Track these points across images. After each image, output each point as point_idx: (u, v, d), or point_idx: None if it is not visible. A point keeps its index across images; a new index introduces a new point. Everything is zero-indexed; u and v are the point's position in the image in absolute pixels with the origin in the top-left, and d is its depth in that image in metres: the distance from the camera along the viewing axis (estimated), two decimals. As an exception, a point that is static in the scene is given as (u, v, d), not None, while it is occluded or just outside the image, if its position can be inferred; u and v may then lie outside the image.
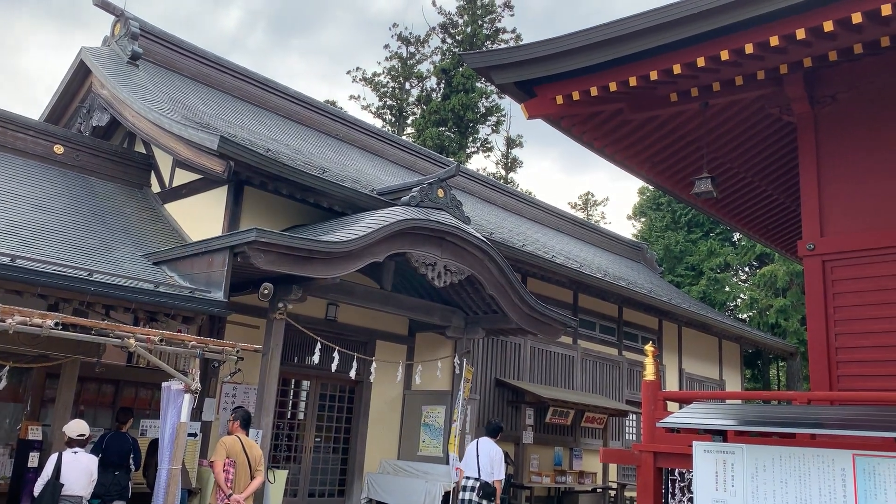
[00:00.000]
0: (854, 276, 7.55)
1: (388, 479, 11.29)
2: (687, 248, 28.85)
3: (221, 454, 7.45)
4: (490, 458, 9.11)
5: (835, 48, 7.01)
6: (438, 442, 11.48)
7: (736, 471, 5.69)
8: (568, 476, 13.63)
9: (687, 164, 10.01)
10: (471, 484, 9.03)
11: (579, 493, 13.64)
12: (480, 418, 13.28)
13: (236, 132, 10.94)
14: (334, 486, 11.49)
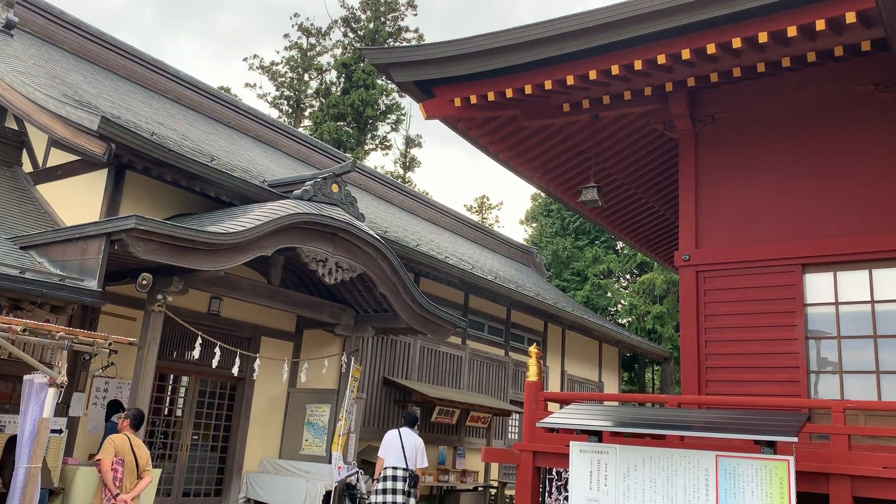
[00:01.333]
0: (723, 286, 8.03)
1: (268, 478, 11.02)
2: (574, 254, 29.83)
3: (109, 452, 7.14)
4: (415, 448, 9.25)
5: (716, 70, 7.43)
6: (322, 441, 11.32)
7: (609, 470, 5.91)
8: (451, 475, 13.77)
9: (576, 172, 10.34)
10: (400, 474, 9.07)
11: (461, 492, 13.81)
12: (367, 417, 13.20)
13: (120, 113, 10.38)
14: (211, 486, 11.10)
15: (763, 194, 8.11)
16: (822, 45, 6.80)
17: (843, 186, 7.66)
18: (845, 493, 5.54)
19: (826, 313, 7.46)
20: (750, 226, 8.10)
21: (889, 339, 7.12)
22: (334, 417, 11.19)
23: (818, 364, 7.42)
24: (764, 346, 7.60)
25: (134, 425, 7.51)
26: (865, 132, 7.68)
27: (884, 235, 7.26)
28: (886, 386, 7.04)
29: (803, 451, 5.98)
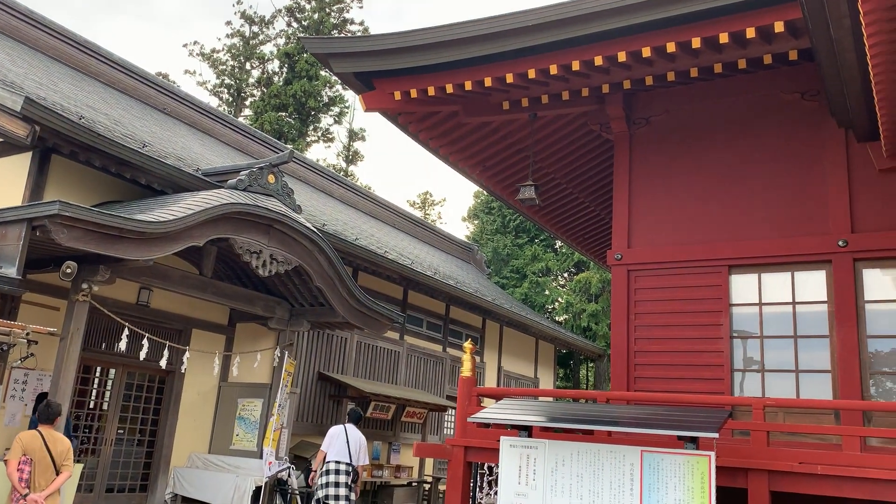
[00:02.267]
0: (653, 286, 8.20)
1: (196, 473, 10.77)
2: (513, 251, 30.10)
3: (15, 452, 6.76)
4: (359, 444, 9.44)
5: (651, 74, 7.58)
6: (254, 436, 11.13)
7: (538, 465, 5.97)
8: (385, 470, 13.72)
9: (515, 170, 10.41)
10: (343, 468, 9.25)
11: (395, 487, 13.77)
12: (300, 413, 13.04)
13: (48, 95, 9.96)
14: (136, 481, 10.79)
15: (693, 196, 8.32)
16: (752, 53, 7.01)
17: (769, 190, 7.91)
18: (762, 487, 5.73)
19: (750, 313, 7.70)
20: (680, 227, 8.30)
21: (808, 339, 7.40)
22: (267, 412, 11.01)
23: (743, 363, 7.65)
24: (691, 344, 7.80)
25: (44, 419, 7.14)
26: (791, 139, 7.95)
27: (805, 239, 7.53)
28: (805, 384, 7.31)
29: (725, 446, 6.16)
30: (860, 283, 7.25)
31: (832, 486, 5.60)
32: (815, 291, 7.46)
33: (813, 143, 7.81)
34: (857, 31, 5.20)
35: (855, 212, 7.42)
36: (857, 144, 7.36)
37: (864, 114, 6.59)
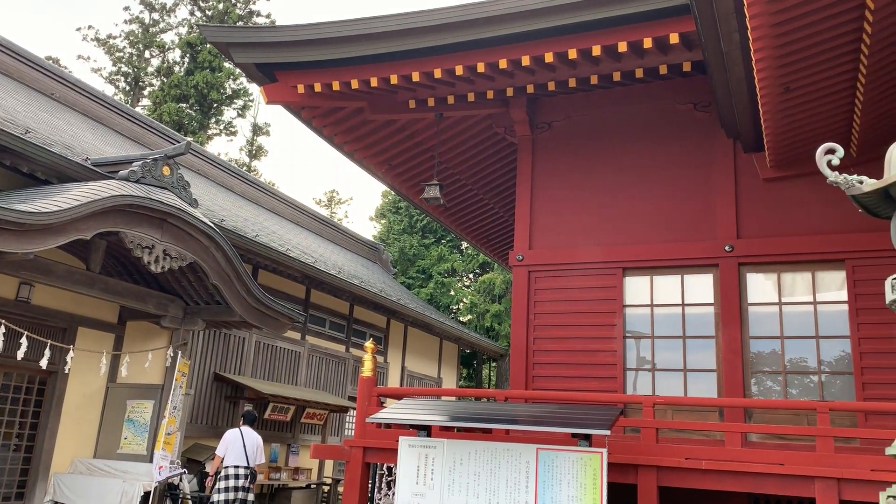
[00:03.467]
0: (552, 286, 8.37)
1: (78, 479, 10.18)
2: (420, 252, 30.15)
3: None
4: (255, 446, 9.50)
5: (554, 79, 7.73)
6: (143, 439, 10.63)
7: (436, 465, 5.95)
8: (283, 472, 13.41)
9: (421, 169, 10.41)
10: (241, 472, 9.27)
11: (293, 490, 13.48)
12: (195, 414, 12.57)
13: (-85, 72, 9.18)
14: (11, 489, 10.09)
15: (592, 200, 8.55)
16: (649, 63, 7.26)
17: (663, 196, 8.22)
18: (651, 483, 5.93)
19: (643, 314, 7.97)
20: (579, 230, 8.50)
21: (696, 339, 7.73)
22: (158, 414, 10.54)
23: (635, 362, 7.91)
24: (586, 343, 8.01)
25: None
26: (684, 147, 8.29)
27: (694, 244, 7.87)
28: (693, 383, 7.63)
29: (617, 443, 6.34)
30: (744, 287, 7.63)
31: (716, 480, 5.86)
32: (703, 294, 7.81)
33: (704, 152, 8.17)
34: (745, 46, 5.46)
35: (741, 218, 7.81)
36: (744, 155, 7.76)
37: (751, 125, 6.95)
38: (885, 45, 5.23)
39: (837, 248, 7.29)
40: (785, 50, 5.21)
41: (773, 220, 7.68)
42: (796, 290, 7.50)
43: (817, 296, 7.40)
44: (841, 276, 7.30)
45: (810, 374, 7.28)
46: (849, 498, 5.43)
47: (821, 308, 7.36)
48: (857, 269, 7.19)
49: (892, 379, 6.70)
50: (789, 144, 6.88)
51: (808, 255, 7.41)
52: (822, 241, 7.36)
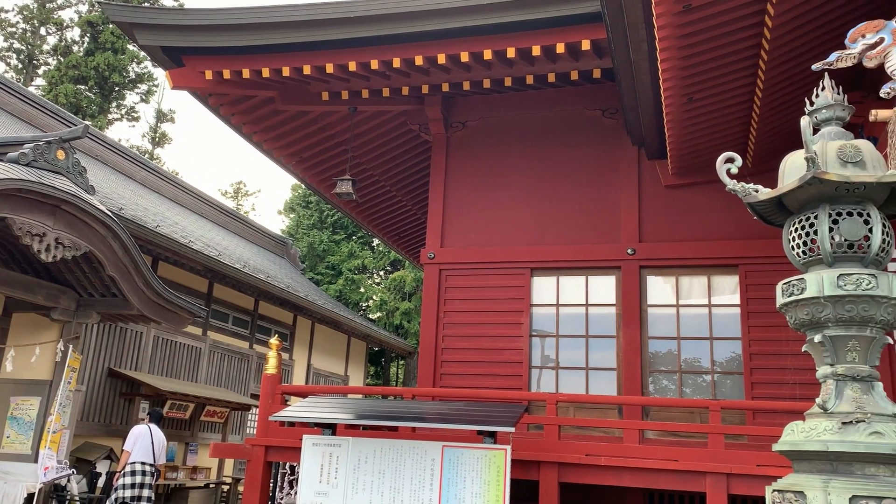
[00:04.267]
0: (462, 285, 8.42)
1: (-46, 482, 9.48)
2: (330, 247, 29.76)
3: None
4: (161, 444, 9.54)
5: (469, 79, 7.77)
6: (28, 437, 10.00)
7: (340, 463, 5.87)
8: (180, 472, 12.94)
9: (333, 164, 10.26)
10: (148, 469, 9.25)
11: (190, 490, 13.03)
12: (86, 412, 11.95)
13: None
14: None
15: (503, 200, 8.65)
16: (561, 68, 7.41)
17: (571, 199, 8.41)
18: (552, 479, 6.05)
19: (549, 314, 8.13)
20: (490, 229, 8.59)
21: (599, 339, 7.95)
22: (45, 411, 9.95)
23: (540, 360, 8.06)
24: (494, 342, 8.10)
25: None
26: (592, 152, 8.50)
27: (599, 246, 8.09)
28: (594, 381, 7.84)
29: (521, 440, 6.44)
30: (644, 289, 7.90)
31: (614, 476, 6.03)
32: (606, 295, 8.03)
33: (610, 158, 8.41)
34: (652, 56, 5.65)
35: (643, 223, 8.08)
36: (648, 161, 8.04)
37: (655, 133, 7.20)
38: (780, 62, 5.52)
39: (732, 253, 7.64)
40: (690, 62, 5.42)
41: (674, 226, 7.98)
42: (693, 293, 7.82)
43: (712, 299, 7.74)
44: (734, 281, 7.67)
45: (704, 373, 7.61)
46: (737, 492, 5.70)
47: (715, 311, 7.70)
48: (749, 274, 7.56)
49: (778, 379, 7.09)
50: (690, 153, 7.17)
51: (705, 259, 7.74)
52: (718, 247, 7.70)
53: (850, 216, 2.68)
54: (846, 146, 2.73)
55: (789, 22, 5.08)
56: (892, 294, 2.58)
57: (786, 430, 2.73)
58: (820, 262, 2.73)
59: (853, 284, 2.59)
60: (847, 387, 2.64)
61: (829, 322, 2.67)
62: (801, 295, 2.70)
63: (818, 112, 2.93)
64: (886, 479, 2.44)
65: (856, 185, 2.64)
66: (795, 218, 2.82)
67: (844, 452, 2.48)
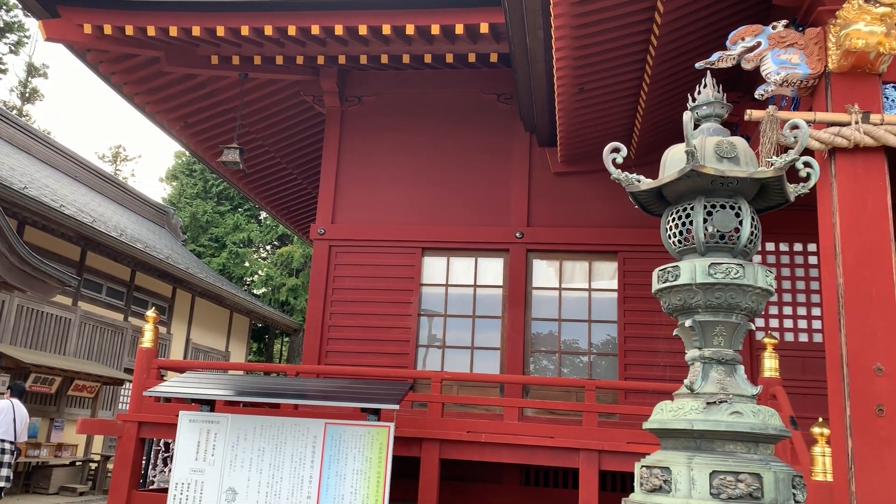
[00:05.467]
0: (352, 262, 8.35)
1: None
2: (214, 219, 28.73)
3: None
4: (24, 421, 9.09)
5: (366, 53, 7.66)
6: None
7: (218, 440, 5.72)
8: (43, 449, 12.21)
9: (221, 131, 9.88)
10: (8, 447, 8.77)
11: (54, 468, 12.32)
12: (-65, 384, 11.03)
13: None
14: None
15: (396, 179, 8.62)
16: (459, 49, 7.43)
17: (463, 181, 8.49)
18: (434, 455, 6.13)
19: (438, 293, 8.21)
20: (382, 207, 8.54)
21: (485, 319, 8.10)
22: None
23: (427, 339, 8.14)
24: (382, 320, 8.10)
25: None
26: (485, 136, 8.60)
27: (489, 229, 8.23)
28: (479, 360, 8.00)
29: (404, 418, 6.48)
30: (530, 272, 8.12)
31: (493, 452, 6.18)
32: (494, 276, 8.19)
33: (503, 142, 8.54)
34: (548, 44, 5.76)
35: (532, 208, 8.27)
36: (539, 148, 8.22)
37: (547, 121, 7.37)
38: (667, 59, 5.77)
39: (612, 240, 7.97)
40: (583, 52, 5.56)
41: (560, 212, 8.22)
42: (575, 278, 8.10)
43: (592, 283, 8.05)
44: (613, 267, 8.00)
45: (581, 354, 7.92)
46: (608, 468, 5.99)
47: (594, 295, 8.02)
48: (627, 261, 7.91)
49: (650, 361, 7.48)
50: (579, 142, 7.39)
51: (588, 245, 8.04)
52: (600, 234, 8.00)
53: (723, 209, 2.83)
54: (723, 142, 2.88)
55: (677, 20, 5.30)
56: (757, 283, 2.76)
57: (655, 409, 2.87)
58: (694, 251, 2.87)
59: (723, 273, 2.75)
60: (713, 369, 2.81)
61: (700, 308, 2.82)
62: (674, 281, 2.83)
63: (699, 108, 3.07)
64: (743, 455, 2.62)
65: (730, 180, 2.79)
66: (673, 208, 2.96)
67: (707, 430, 2.63)
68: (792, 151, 2.82)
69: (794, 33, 4.54)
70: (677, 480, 2.61)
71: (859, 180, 4.34)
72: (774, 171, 2.81)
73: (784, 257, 7.60)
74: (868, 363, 4.07)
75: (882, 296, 4.17)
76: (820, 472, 4.35)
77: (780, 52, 4.47)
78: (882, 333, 4.11)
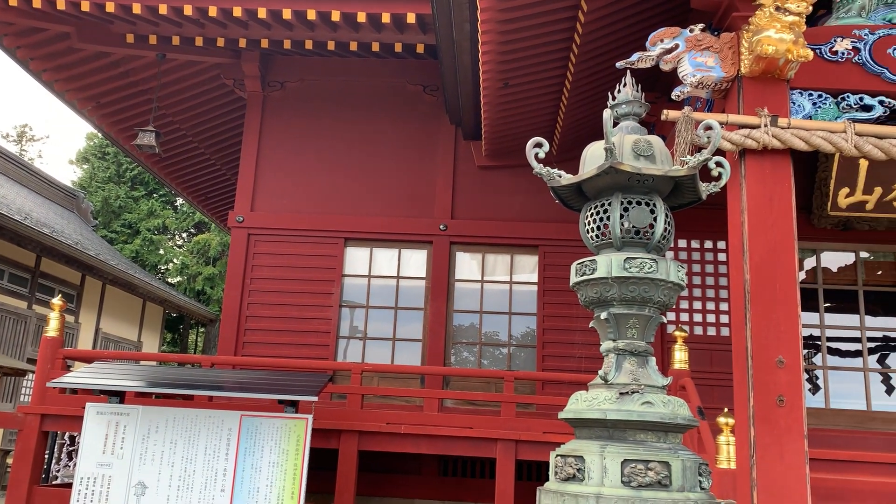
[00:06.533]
0: (272, 251, 8.20)
1: None
2: (128, 204, 27.65)
3: None
4: None
5: (290, 38, 7.51)
6: None
7: (127, 433, 5.53)
8: (-65, 445, 11.52)
9: (137, 113, 9.50)
10: None
11: (-53, 464, 11.66)
12: None
13: None
14: None
15: (320, 167, 8.50)
16: (386, 38, 7.38)
17: (389, 171, 8.44)
18: (352, 447, 6.10)
19: (360, 285, 8.15)
20: (304, 195, 8.41)
21: (407, 311, 8.10)
22: None
23: (349, 330, 8.07)
24: (302, 311, 7.98)
25: None
26: (411, 127, 8.58)
27: (413, 220, 8.22)
28: (401, 351, 7.99)
29: (324, 409, 6.41)
30: (453, 264, 8.16)
31: (412, 443, 6.20)
32: (417, 268, 8.20)
33: (429, 134, 8.53)
34: (474, 38, 5.78)
35: (456, 200, 8.31)
36: (464, 141, 8.26)
37: (472, 114, 7.41)
38: (589, 57, 5.88)
39: (533, 234, 8.09)
40: (509, 47, 5.61)
41: (484, 205, 8.28)
42: (497, 270, 8.20)
43: (514, 276, 8.16)
44: (534, 260, 8.13)
45: (502, 346, 8.02)
46: (525, 457, 6.09)
47: (515, 288, 8.13)
48: (547, 255, 8.05)
49: (567, 352, 7.64)
50: (503, 136, 7.46)
51: (510, 239, 8.13)
52: (522, 228, 8.11)
53: (639, 205, 2.91)
54: (640, 140, 2.96)
55: (600, 20, 5.41)
56: (669, 278, 2.85)
57: (571, 399, 2.93)
58: (610, 245, 2.95)
59: (637, 267, 2.83)
60: (626, 360, 2.89)
61: (615, 301, 2.89)
62: (592, 275, 2.90)
63: (619, 107, 3.14)
64: (653, 444, 2.70)
65: (646, 177, 2.87)
66: (592, 204, 3.02)
67: (620, 420, 2.71)
68: (705, 151, 2.92)
69: (710, 37, 4.70)
70: (590, 469, 2.67)
71: (766, 181, 4.54)
72: (688, 169, 2.91)
73: (695, 254, 7.89)
74: (771, 356, 4.27)
75: (785, 292, 4.38)
76: (724, 460, 4.55)
77: (697, 54, 4.63)
78: (784, 328, 4.32)
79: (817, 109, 4.68)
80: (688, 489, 2.63)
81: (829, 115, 4.66)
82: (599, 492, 2.59)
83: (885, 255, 7.42)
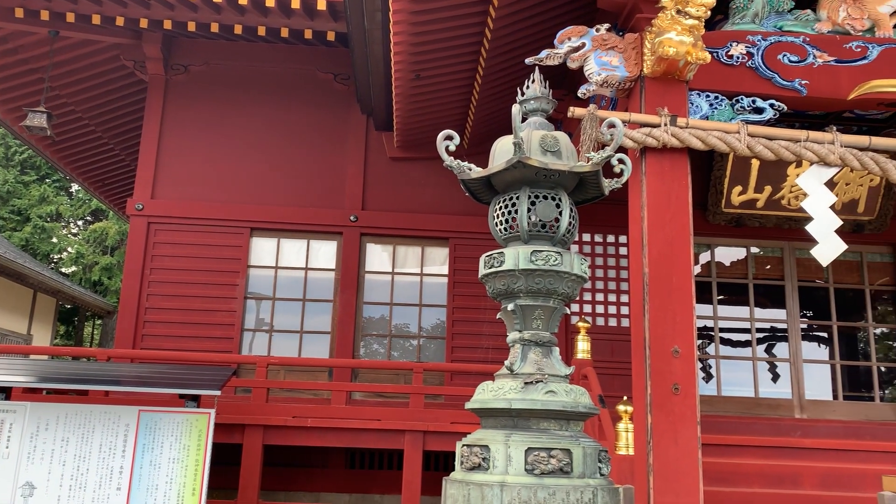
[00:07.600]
0: (174, 241, 7.92)
1: None
2: (17, 189, 26.05)
3: None
4: None
5: (195, 20, 7.24)
6: None
7: (14, 431, 5.23)
8: None
9: (27, 93, 8.94)
10: None
11: None
12: None
13: None
14: None
15: (225, 154, 8.25)
16: (295, 25, 7.23)
17: (297, 160, 8.29)
18: (257, 441, 5.98)
19: (266, 276, 7.98)
20: (209, 184, 8.15)
21: (316, 303, 7.99)
22: None
23: (254, 323, 7.89)
24: (205, 303, 7.75)
25: None
26: (321, 116, 8.44)
27: (323, 211, 8.11)
28: (308, 344, 7.88)
29: (227, 404, 6.25)
30: (364, 255, 8.10)
31: (318, 437, 6.13)
32: (327, 260, 8.10)
33: (339, 124, 8.42)
34: (386, 28, 5.74)
35: (367, 191, 8.25)
36: (376, 132, 8.20)
37: (384, 105, 7.37)
38: (500, 53, 5.95)
39: (444, 227, 8.13)
40: (420, 38, 5.60)
41: (395, 197, 8.26)
42: (408, 262, 8.20)
43: (424, 268, 8.18)
44: (445, 253, 8.18)
45: (412, 338, 8.04)
46: (432, 448, 6.13)
47: (426, 280, 8.15)
48: (458, 247, 8.11)
49: (476, 343, 7.73)
50: (414, 128, 7.45)
51: (421, 231, 8.15)
52: (433, 220, 8.14)
53: (546, 199, 2.97)
54: (547, 136, 3.02)
55: (510, 16, 5.48)
56: (573, 270, 2.93)
57: (477, 389, 2.97)
58: (518, 238, 2.99)
59: (543, 260, 2.89)
60: (531, 351, 2.95)
61: (521, 293, 2.95)
62: (499, 267, 2.94)
63: (527, 102, 3.20)
64: (556, 432, 2.77)
65: (552, 172, 2.93)
66: (501, 197, 3.06)
67: (524, 409, 2.76)
68: (608, 148, 3.01)
69: (616, 37, 4.84)
70: (495, 458, 2.71)
71: (665, 178, 4.72)
72: (592, 165, 2.99)
73: (598, 247, 8.14)
74: (667, 346, 4.46)
75: (681, 284, 4.57)
76: (623, 447, 4.72)
77: (602, 54, 4.76)
78: (680, 318, 4.52)
79: (714, 110, 4.90)
80: (588, 476, 2.71)
81: (724, 117, 4.89)
82: (504, 480, 2.64)
83: (773, 250, 7.87)
